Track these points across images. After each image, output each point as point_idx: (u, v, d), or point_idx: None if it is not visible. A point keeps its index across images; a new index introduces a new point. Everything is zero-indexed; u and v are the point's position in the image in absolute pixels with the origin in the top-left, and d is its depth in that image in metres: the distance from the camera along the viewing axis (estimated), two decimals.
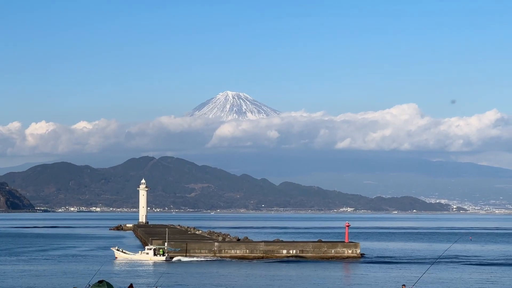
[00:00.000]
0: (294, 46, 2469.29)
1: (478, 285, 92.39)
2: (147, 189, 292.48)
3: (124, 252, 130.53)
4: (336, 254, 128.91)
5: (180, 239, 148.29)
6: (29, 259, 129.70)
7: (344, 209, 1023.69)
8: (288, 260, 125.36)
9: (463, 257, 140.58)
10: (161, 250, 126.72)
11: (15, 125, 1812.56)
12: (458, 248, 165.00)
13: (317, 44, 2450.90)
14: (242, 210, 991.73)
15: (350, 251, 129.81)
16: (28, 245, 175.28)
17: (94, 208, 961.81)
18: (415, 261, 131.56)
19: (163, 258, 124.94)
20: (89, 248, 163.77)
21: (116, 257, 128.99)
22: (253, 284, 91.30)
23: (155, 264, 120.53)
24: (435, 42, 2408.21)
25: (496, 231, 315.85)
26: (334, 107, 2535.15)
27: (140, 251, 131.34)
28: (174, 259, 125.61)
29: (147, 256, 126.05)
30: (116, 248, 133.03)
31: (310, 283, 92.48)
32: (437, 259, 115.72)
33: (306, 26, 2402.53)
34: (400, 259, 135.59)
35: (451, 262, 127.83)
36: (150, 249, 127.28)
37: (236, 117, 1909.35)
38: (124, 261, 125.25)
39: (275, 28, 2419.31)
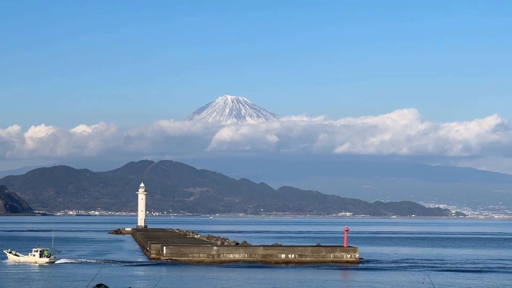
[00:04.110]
0: (294, 51, 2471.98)
1: None
2: (146, 193, 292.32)
3: (16, 255, 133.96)
4: (334, 259, 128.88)
5: (178, 243, 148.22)
6: None
7: (343, 213, 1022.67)
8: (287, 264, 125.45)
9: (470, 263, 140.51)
10: (46, 252, 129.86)
11: (14, 128, 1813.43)
12: (462, 253, 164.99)
13: (318, 48, 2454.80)
14: (241, 214, 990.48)
15: (348, 256, 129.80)
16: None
17: (93, 211, 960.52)
18: (414, 266, 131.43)
19: (47, 260, 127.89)
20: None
21: (9, 259, 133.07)
22: None
23: (40, 266, 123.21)
24: (436, 47, 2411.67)
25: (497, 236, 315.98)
26: (334, 111, 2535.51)
27: (29, 253, 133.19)
28: (60, 261, 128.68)
29: (34, 258, 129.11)
30: (9, 250, 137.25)
31: (308, 287, 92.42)
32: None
33: (306, 31, 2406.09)
34: (398, 263, 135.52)
35: (457, 268, 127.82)
36: (37, 251, 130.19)
37: (235, 121, 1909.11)
38: (12, 263, 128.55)
39: (275, 32, 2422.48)
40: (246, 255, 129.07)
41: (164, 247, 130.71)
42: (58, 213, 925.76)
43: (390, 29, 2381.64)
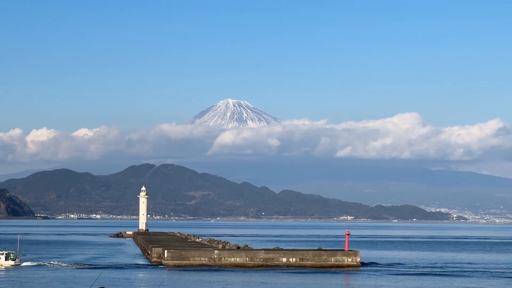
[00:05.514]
0: (296, 55, 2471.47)
1: None
2: (147, 196, 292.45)
3: None
4: (336, 263, 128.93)
5: (179, 246, 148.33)
6: None
7: (344, 217, 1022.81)
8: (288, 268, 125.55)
9: (470, 266, 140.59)
10: (11, 255, 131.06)
11: (16, 131, 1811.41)
12: (462, 257, 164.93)
13: (320, 52, 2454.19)
14: (242, 218, 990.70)
15: (350, 260, 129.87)
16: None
17: (94, 215, 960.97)
18: (414, 270, 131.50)
19: (12, 262, 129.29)
20: None
21: None
22: None
23: (6, 268, 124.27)
24: (437, 50, 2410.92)
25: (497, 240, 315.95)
26: (336, 115, 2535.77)
27: None
28: (25, 264, 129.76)
29: None
30: None
31: None
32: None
33: (308, 35, 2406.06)
34: (399, 268, 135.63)
35: (460, 272, 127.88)
36: (2, 254, 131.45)
37: (237, 125, 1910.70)
38: None
39: (277, 36, 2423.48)
40: (247, 258, 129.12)
41: (166, 251, 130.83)
42: (60, 217, 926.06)
43: (391, 33, 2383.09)
